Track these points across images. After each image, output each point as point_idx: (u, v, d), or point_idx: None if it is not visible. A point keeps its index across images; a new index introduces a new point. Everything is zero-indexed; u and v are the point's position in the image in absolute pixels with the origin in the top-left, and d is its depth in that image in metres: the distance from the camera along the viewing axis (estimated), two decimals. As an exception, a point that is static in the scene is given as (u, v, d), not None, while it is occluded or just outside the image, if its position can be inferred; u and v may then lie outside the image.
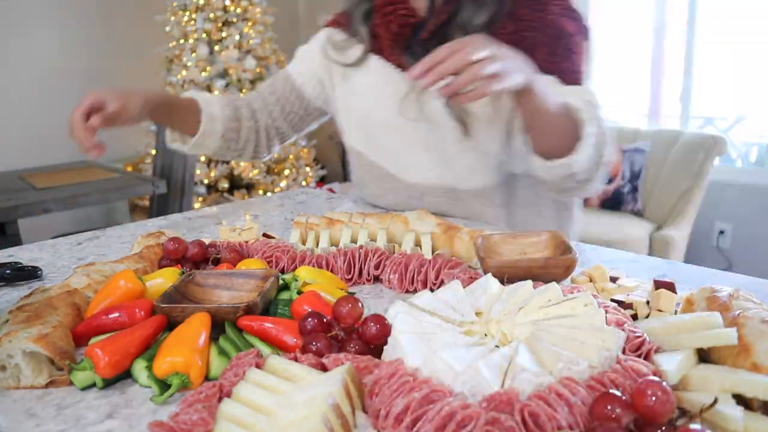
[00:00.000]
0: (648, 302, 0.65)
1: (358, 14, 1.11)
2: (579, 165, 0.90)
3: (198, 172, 3.62)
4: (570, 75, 1.00)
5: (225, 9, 3.75)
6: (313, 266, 0.82)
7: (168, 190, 2.73)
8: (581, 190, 0.99)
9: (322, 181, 4.30)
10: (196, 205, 3.56)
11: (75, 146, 0.95)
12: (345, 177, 4.31)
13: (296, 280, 0.75)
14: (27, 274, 0.87)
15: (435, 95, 0.81)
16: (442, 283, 0.77)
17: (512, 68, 0.77)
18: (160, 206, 2.83)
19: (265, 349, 0.61)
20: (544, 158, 0.93)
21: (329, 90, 1.22)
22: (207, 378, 0.58)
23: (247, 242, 0.92)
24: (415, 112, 1.06)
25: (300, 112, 1.25)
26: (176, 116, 1.16)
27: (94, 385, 0.57)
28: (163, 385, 0.56)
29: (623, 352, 0.51)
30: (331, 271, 0.82)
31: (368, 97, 1.13)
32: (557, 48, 1.00)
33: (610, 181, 3.22)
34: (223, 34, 3.75)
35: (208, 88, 3.75)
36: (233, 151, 1.25)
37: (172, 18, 3.76)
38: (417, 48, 1.02)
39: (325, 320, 0.60)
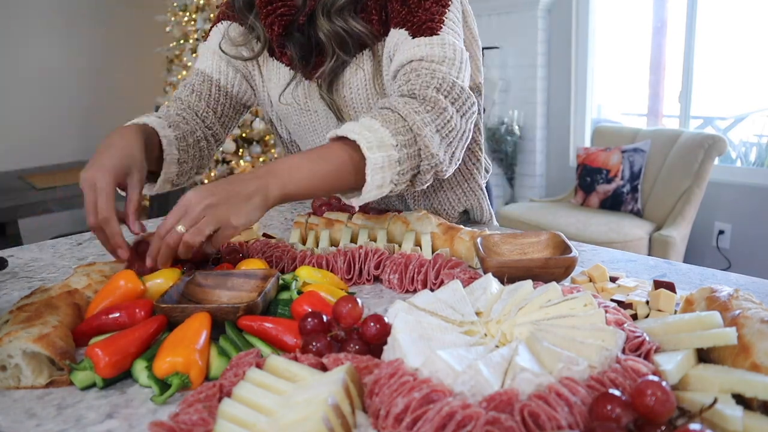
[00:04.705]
0: (648, 302, 0.65)
1: (239, 6, 1.08)
2: (383, 186, 0.83)
3: (198, 172, 3.62)
4: (424, 27, 0.95)
5: (225, 9, 3.75)
6: (313, 266, 0.82)
7: (168, 190, 2.73)
8: (423, 181, 0.91)
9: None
10: (196, 205, 3.55)
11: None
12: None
13: (296, 280, 0.75)
14: None
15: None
16: (442, 283, 0.77)
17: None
18: (160, 206, 2.83)
19: (265, 349, 0.61)
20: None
21: (251, 82, 1.19)
22: (207, 378, 0.58)
23: (247, 242, 0.92)
24: (292, 99, 1.10)
25: (230, 111, 1.19)
26: (150, 152, 0.99)
27: (94, 385, 0.58)
28: (163, 385, 0.56)
29: (623, 351, 0.51)
30: (331, 271, 0.82)
31: (272, 88, 1.14)
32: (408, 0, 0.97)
33: (610, 180, 3.21)
34: (223, 34, 3.75)
35: (208, 88, 3.74)
36: (184, 175, 1.12)
37: (173, 18, 3.76)
38: (297, 35, 1.03)
39: (325, 320, 0.60)
